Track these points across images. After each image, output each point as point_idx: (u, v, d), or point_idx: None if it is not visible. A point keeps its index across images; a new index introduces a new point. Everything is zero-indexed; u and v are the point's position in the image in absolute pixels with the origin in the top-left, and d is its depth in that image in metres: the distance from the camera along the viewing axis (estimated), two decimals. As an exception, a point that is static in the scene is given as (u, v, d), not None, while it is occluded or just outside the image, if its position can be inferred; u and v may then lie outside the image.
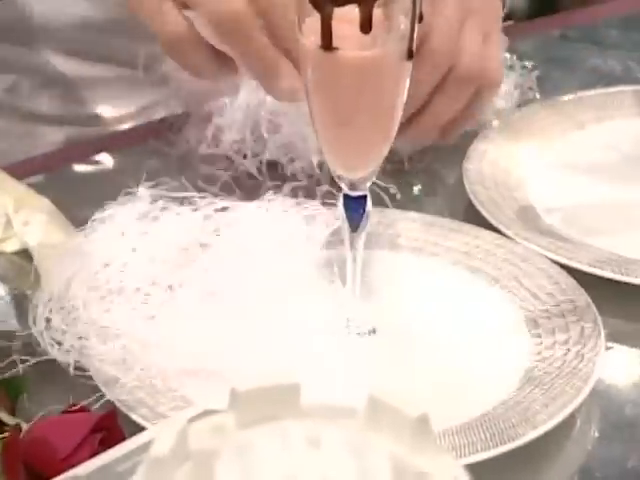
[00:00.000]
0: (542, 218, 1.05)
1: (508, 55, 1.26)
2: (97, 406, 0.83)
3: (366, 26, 0.78)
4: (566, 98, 1.23)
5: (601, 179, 1.11)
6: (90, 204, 1.03)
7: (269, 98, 1.14)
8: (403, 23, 0.80)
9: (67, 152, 1.32)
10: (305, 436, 0.55)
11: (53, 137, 1.48)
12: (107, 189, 1.07)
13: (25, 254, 0.99)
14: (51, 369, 0.90)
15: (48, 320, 0.91)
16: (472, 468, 0.70)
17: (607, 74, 1.31)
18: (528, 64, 1.28)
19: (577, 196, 1.09)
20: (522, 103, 1.26)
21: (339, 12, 0.78)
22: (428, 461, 0.54)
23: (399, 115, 0.87)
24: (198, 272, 0.96)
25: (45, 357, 0.89)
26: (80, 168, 1.25)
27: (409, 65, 0.83)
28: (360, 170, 0.87)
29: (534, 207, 1.07)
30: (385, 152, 0.89)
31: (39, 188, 1.06)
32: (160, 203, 1.01)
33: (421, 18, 0.82)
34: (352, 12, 0.78)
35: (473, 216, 1.04)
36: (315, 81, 0.84)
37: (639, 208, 1.07)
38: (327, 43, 0.79)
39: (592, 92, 1.24)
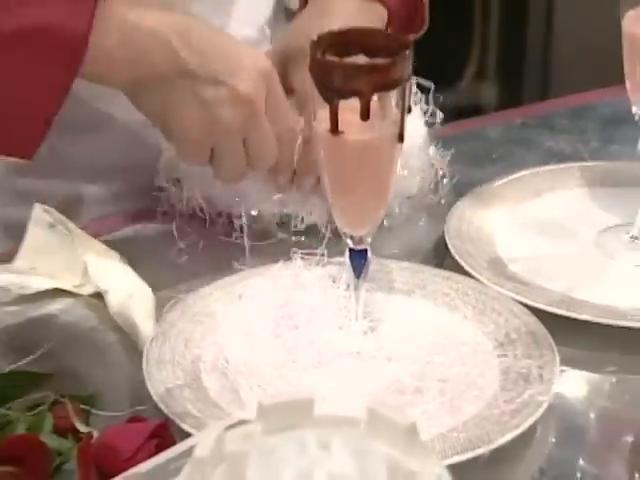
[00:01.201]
0: (508, 267, 1.04)
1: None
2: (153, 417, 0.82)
3: (365, 115, 0.78)
4: (527, 172, 1.22)
5: (553, 235, 1.11)
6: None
7: None
8: (395, 113, 0.81)
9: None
10: (317, 441, 0.55)
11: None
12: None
13: (98, 296, 0.99)
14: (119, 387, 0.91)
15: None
16: (452, 467, 0.69)
17: (559, 153, 1.30)
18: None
19: (535, 249, 1.09)
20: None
21: (344, 104, 0.79)
22: (416, 462, 0.55)
23: (392, 185, 0.88)
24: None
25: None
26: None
27: (400, 146, 0.83)
28: (362, 228, 0.87)
29: (501, 258, 1.06)
30: (382, 214, 0.89)
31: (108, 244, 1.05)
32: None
33: (410, 109, 0.83)
34: (354, 103, 0.79)
35: (453, 265, 1.04)
36: (325, 158, 0.84)
37: (583, 259, 1.07)
38: (334, 128, 0.79)
39: (547, 167, 1.24)
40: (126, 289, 0.97)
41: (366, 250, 0.87)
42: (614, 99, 1.28)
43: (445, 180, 1.21)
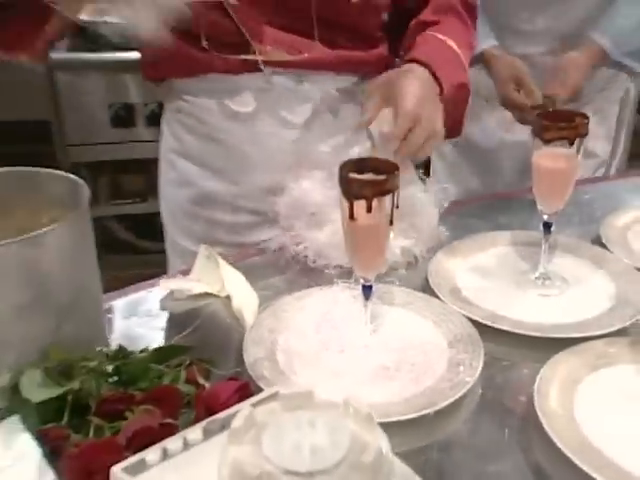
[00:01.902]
0: (462, 293, 1.05)
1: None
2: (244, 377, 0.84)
3: (368, 210, 0.81)
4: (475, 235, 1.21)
5: (489, 275, 1.11)
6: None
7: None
8: (388, 208, 0.83)
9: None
10: (308, 420, 0.60)
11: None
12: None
13: (228, 298, 1.02)
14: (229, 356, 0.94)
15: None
16: (412, 420, 0.80)
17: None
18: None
19: (477, 282, 1.09)
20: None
21: (357, 202, 0.82)
22: (370, 436, 0.60)
23: (387, 249, 0.89)
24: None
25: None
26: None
27: (390, 227, 0.85)
28: (368, 273, 0.89)
29: (459, 288, 1.06)
30: (382, 264, 0.92)
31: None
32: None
33: (397, 206, 0.84)
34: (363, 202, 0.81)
35: (430, 291, 1.04)
36: (347, 231, 0.86)
37: (506, 290, 1.07)
38: (351, 216, 0.83)
39: (489, 233, 1.22)
40: (243, 295, 1.01)
41: (371, 286, 0.90)
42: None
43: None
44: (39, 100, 2.47)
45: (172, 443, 0.69)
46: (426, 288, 1.06)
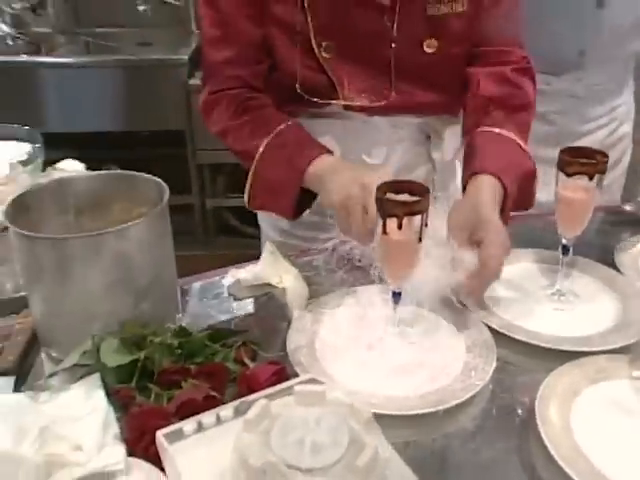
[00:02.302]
0: (485, 302, 0.93)
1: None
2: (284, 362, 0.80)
3: (399, 227, 0.76)
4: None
5: (514, 288, 0.99)
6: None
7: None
8: (417, 226, 0.76)
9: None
10: (315, 417, 0.55)
11: None
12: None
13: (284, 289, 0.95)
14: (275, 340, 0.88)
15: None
16: (423, 415, 0.73)
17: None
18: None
19: (502, 293, 0.97)
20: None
21: (390, 220, 0.76)
22: (369, 437, 0.55)
23: (415, 262, 0.81)
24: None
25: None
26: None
27: (420, 244, 0.79)
28: (398, 282, 0.83)
29: (484, 297, 0.93)
30: (410, 275, 0.82)
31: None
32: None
33: (426, 224, 0.77)
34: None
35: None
36: (380, 244, 0.80)
37: (524, 303, 0.95)
38: (384, 232, 0.77)
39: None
40: (296, 288, 0.95)
41: (400, 292, 0.84)
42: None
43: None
44: (177, 114, 2.56)
45: (207, 417, 0.66)
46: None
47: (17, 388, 0.80)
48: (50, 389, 0.77)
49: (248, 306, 0.96)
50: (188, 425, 0.64)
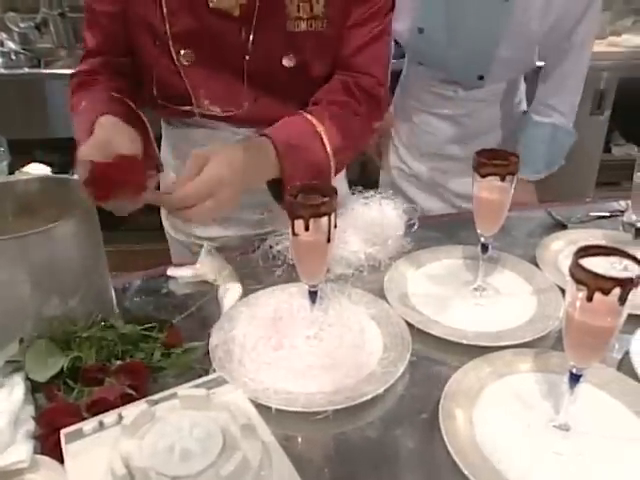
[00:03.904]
0: (409, 298, 0.88)
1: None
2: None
3: (306, 228, 0.68)
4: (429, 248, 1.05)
5: (438, 284, 0.93)
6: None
7: None
8: (325, 227, 0.69)
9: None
10: (190, 424, 0.48)
11: None
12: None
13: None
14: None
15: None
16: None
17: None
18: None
19: (427, 289, 0.91)
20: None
21: (298, 222, 0.68)
22: (244, 440, 0.48)
23: (326, 259, 0.73)
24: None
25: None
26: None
27: (329, 244, 0.71)
28: (312, 281, 0.75)
29: (408, 293, 0.90)
30: (322, 274, 0.75)
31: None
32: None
33: (335, 225, 0.70)
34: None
35: (382, 297, 0.88)
36: (292, 245, 0.74)
37: (446, 298, 0.89)
38: (293, 233, 0.70)
39: (443, 247, 1.02)
40: (229, 285, 0.90)
41: (316, 291, 0.77)
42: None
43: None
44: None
45: (109, 417, 0.59)
46: (383, 292, 0.91)
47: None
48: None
49: (185, 303, 0.89)
50: (88, 424, 0.58)
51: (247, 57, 0.90)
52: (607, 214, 1.16)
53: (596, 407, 0.68)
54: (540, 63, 1.34)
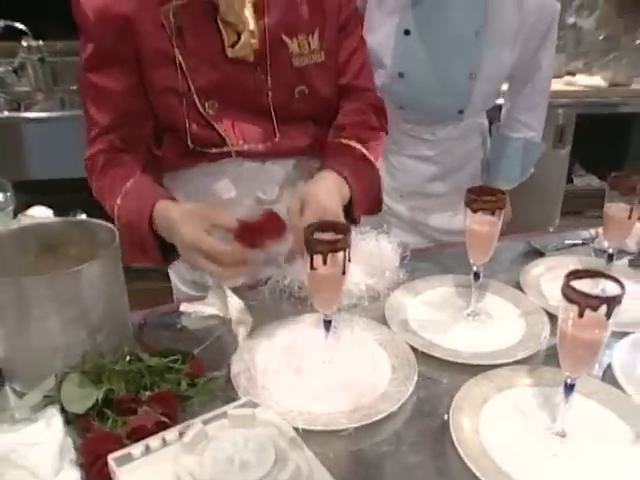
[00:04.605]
0: (409, 324, 0.96)
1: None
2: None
3: (324, 262, 0.75)
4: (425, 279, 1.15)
5: (436, 310, 1.01)
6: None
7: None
8: (340, 261, 0.76)
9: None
10: (244, 439, 0.54)
11: None
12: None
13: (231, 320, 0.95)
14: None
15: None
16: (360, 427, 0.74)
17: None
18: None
19: (424, 315, 0.99)
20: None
21: (316, 256, 0.76)
22: (292, 452, 0.54)
23: (341, 290, 0.80)
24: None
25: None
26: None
27: (344, 276, 0.78)
28: (327, 310, 0.82)
29: (408, 319, 0.97)
30: (337, 303, 0.82)
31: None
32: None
33: (349, 259, 0.77)
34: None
35: (385, 323, 0.96)
36: (309, 277, 0.79)
37: (444, 323, 0.97)
38: (312, 267, 0.77)
39: (435, 276, 1.15)
40: (241, 317, 0.94)
41: (330, 320, 0.83)
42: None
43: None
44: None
45: (154, 441, 0.65)
46: (384, 319, 0.98)
47: (-17, 420, 0.78)
48: (11, 420, 0.76)
49: (200, 335, 0.94)
50: (136, 448, 0.64)
51: (270, 93, 1.01)
52: (579, 242, 1.28)
53: (587, 415, 0.76)
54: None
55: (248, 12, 0.96)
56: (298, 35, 1.00)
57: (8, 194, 1.22)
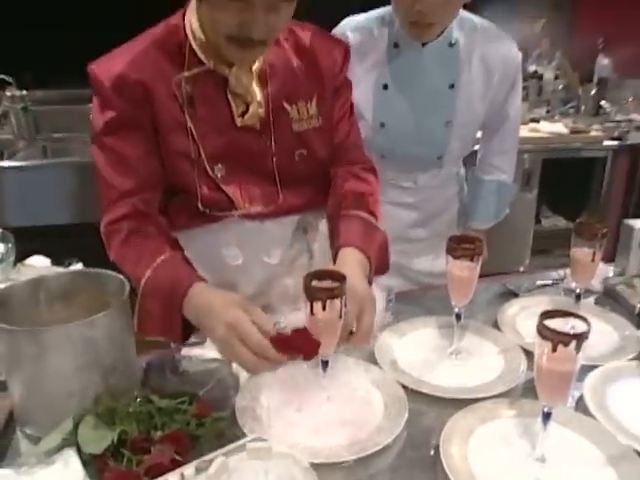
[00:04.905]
0: (398, 363, 1.03)
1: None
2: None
3: (324, 308, 0.81)
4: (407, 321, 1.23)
5: (421, 350, 1.08)
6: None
7: None
8: (338, 305, 0.82)
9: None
10: (264, 469, 0.61)
11: None
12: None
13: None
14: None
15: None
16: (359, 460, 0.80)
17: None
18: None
19: (411, 355, 1.05)
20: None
21: (316, 302, 0.81)
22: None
23: (338, 336, 0.86)
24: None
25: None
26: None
27: (340, 320, 0.84)
28: (325, 351, 0.86)
29: (396, 359, 1.05)
30: (334, 345, 0.86)
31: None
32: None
33: (345, 305, 0.83)
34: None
35: (375, 362, 1.03)
36: (308, 322, 0.84)
37: (429, 361, 1.04)
38: (312, 313, 0.82)
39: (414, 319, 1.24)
40: None
41: (327, 361, 0.89)
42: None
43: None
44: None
45: (172, 476, 0.69)
46: (375, 359, 1.05)
47: (-1, 465, 0.83)
48: (30, 463, 0.80)
49: (202, 378, 0.98)
50: (157, 485, 0.69)
51: (275, 158, 1.07)
52: (550, 282, 1.39)
53: (563, 441, 0.84)
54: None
55: (255, 84, 1.03)
56: (297, 102, 1.07)
57: (9, 245, 1.26)
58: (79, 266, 1.31)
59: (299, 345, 0.82)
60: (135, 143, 0.99)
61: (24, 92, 2.86)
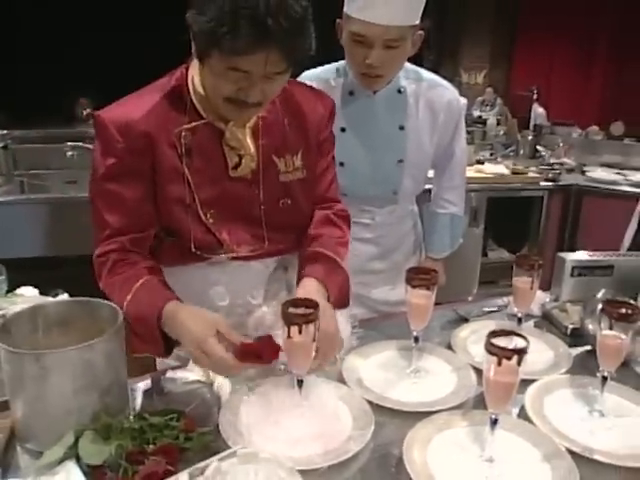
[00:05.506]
0: (363, 382, 1.09)
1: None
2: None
3: (300, 332, 0.88)
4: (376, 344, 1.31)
5: (383, 370, 1.14)
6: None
7: None
8: (312, 331, 0.88)
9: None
10: (254, 471, 0.67)
11: None
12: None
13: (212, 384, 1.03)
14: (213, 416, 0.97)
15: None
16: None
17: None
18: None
19: (375, 374, 1.12)
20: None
21: (293, 328, 0.88)
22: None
23: (312, 354, 0.91)
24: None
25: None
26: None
27: (314, 343, 0.90)
28: (300, 371, 0.93)
29: (362, 378, 1.10)
30: (308, 366, 0.92)
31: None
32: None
33: (318, 329, 0.89)
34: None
35: (345, 381, 1.10)
36: (285, 345, 0.90)
37: (391, 378, 1.11)
38: (289, 336, 0.88)
39: (390, 341, 1.31)
40: (221, 381, 1.04)
41: (302, 380, 0.94)
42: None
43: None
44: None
45: None
46: (343, 378, 1.11)
47: (4, 479, 0.86)
48: (33, 475, 0.84)
49: (185, 398, 1.00)
50: (153, 492, 0.74)
51: (262, 206, 1.11)
52: (495, 309, 1.51)
53: (508, 444, 0.93)
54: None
55: (249, 138, 1.07)
56: (285, 155, 1.11)
57: (2, 277, 1.29)
58: (65, 296, 1.36)
59: (261, 351, 0.90)
60: (134, 187, 1.02)
61: (5, 132, 2.87)
